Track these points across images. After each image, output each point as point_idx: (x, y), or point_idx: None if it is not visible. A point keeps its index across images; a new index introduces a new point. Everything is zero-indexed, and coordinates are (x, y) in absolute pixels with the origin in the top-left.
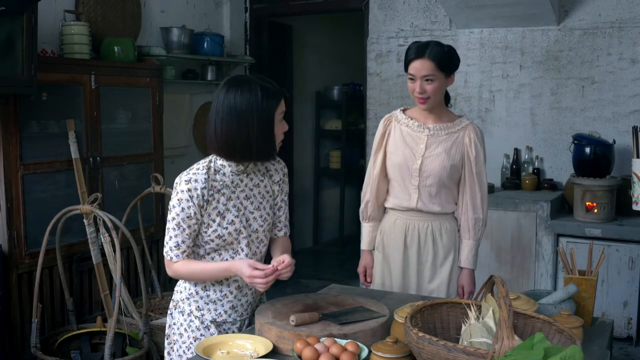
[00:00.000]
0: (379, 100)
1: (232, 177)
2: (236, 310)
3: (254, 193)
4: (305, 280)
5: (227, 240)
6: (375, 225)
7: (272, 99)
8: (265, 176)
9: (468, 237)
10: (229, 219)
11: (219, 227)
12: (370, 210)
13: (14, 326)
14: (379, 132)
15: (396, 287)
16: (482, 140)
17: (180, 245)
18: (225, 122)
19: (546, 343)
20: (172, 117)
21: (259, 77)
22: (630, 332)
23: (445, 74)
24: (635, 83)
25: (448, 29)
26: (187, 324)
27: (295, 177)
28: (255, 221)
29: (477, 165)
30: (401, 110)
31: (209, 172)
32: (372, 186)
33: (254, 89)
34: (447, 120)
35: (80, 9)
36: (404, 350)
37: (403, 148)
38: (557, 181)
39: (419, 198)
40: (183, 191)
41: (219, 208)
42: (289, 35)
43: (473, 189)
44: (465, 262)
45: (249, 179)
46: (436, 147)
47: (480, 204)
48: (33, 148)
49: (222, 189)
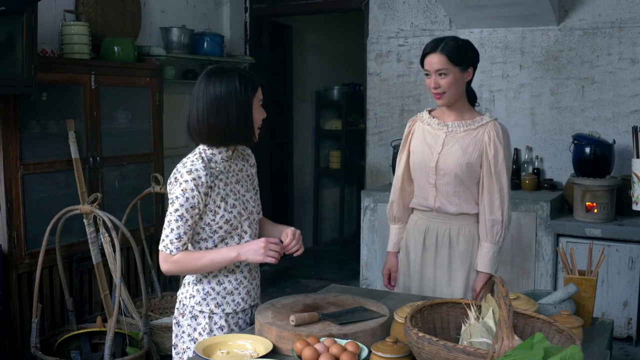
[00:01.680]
0: (379, 100)
1: (224, 164)
2: (250, 296)
3: (241, 176)
4: (305, 280)
5: (234, 224)
6: (401, 227)
7: (249, 87)
8: (244, 161)
9: (485, 239)
10: (231, 203)
11: (225, 212)
12: (395, 211)
13: (14, 326)
14: (405, 133)
15: (414, 289)
16: (506, 138)
17: (181, 238)
18: (206, 109)
19: (546, 343)
20: (172, 117)
21: (238, 68)
22: (630, 332)
23: (460, 68)
24: (635, 83)
25: (448, 29)
26: (202, 327)
27: (295, 177)
28: (249, 203)
29: (496, 164)
30: (427, 110)
31: (204, 160)
32: (396, 186)
33: (233, 78)
34: (468, 118)
35: (80, 9)
36: (404, 350)
37: (423, 146)
38: (557, 181)
39: (436, 197)
40: (187, 181)
41: (221, 193)
42: (289, 35)
43: (491, 189)
44: (481, 265)
45: (235, 165)
46: (453, 144)
47: (499, 205)
48: (33, 148)
49: (219, 175)
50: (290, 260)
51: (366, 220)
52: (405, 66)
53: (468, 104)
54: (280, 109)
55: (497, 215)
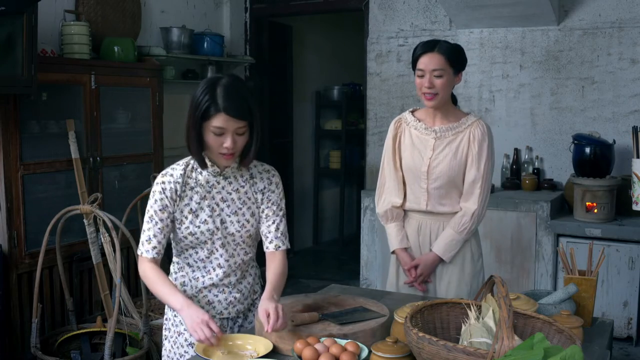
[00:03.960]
0: (379, 100)
1: (208, 177)
2: (235, 306)
3: (232, 197)
4: (305, 280)
5: (200, 239)
6: (400, 224)
7: (208, 107)
8: (248, 183)
9: (451, 225)
10: (202, 218)
11: (191, 225)
12: (395, 212)
13: (14, 326)
14: (389, 136)
15: (410, 288)
16: (488, 136)
17: (151, 240)
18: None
19: (546, 343)
20: (172, 117)
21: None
22: (630, 332)
23: (454, 70)
24: (635, 83)
25: (448, 29)
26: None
27: (295, 177)
28: (232, 225)
29: (479, 160)
30: (409, 111)
31: (186, 169)
32: (392, 188)
33: (202, 91)
34: (454, 120)
35: (80, 9)
36: (404, 350)
37: (412, 151)
38: (557, 181)
39: (428, 200)
40: (157, 183)
41: (191, 205)
42: (289, 35)
43: (473, 183)
44: (436, 246)
45: (227, 182)
46: (443, 149)
47: (476, 198)
48: (33, 148)
49: (196, 187)
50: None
51: (366, 220)
52: (405, 66)
53: (452, 104)
54: (280, 109)
55: (470, 206)
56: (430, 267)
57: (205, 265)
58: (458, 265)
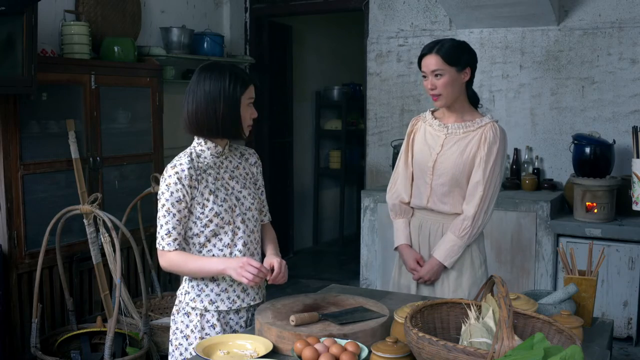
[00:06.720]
0: (379, 100)
1: (214, 159)
2: (248, 294)
3: (236, 174)
4: (305, 280)
5: (225, 218)
6: (407, 221)
7: (238, 84)
8: (242, 159)
9: (451, 229)
10: (222, 197)
11: (215, 205)
12: (404, 207)
13: (14, 326)
14: (407, 132)
15: (413, 288)
16: (500, 140)
17: (171, 233)
18: (196, 102)
19: (546, 343)
20: (172, 117)
21: (231, 65)
22: (630, 332)
23: (457, 69)
24: (635, 83)
25: (448, 29)
26: (194, 324)
27: (295, 177)
28: (246, 199)
29: (487, 163)
30: (430, 110)
31: (191, 156)
32: (404, 184)
33: (223, 75)
34: (468, 119)
35: (80, 9)
36: (404, 350)
37: (423, 147)
38: (557, 181)
39: (430, 196)
40: (170, 176)
41: (209, 186)
42: (289, 35)
43: (477, 185)
44: (437, 251)
45: (229, 162)
46: (451, 146)
47: (477, 202)
48: (33, 148)
49: (208, 169)
50: (291, 260)
51: (366, 221)
52: (405, 66)
53: (469, 105)
54: (280, 109)
55: (471, 209)
56: (435, 273)
57: (232, 251)
58: (456, 271)
